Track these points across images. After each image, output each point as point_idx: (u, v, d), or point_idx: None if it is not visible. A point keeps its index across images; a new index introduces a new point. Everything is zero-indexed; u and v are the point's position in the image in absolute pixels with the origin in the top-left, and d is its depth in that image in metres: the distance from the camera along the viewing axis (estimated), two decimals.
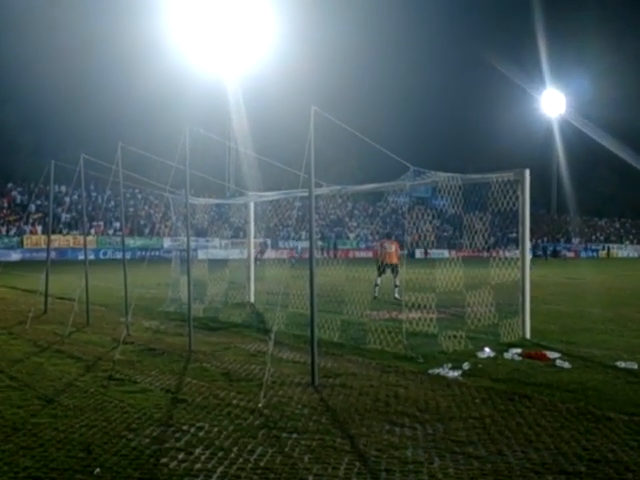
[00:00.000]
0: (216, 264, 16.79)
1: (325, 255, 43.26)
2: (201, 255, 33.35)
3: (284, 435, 5.50)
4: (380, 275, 16.27)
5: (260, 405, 6.36)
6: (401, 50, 68.41)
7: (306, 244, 31.36)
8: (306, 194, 7.89)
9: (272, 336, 7.50)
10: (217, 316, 13.21)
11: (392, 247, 16.60)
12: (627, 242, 78.69)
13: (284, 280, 10.99)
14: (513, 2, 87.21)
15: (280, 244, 49.57)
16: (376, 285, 16.08)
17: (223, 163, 57.00)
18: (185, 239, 10.26)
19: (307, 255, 7.74)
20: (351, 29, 61.15)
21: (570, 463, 4.86)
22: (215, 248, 43.77)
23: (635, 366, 8.22)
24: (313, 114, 7.55)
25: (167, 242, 46.74)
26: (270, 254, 37.01)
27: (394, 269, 16.31)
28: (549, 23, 74.28)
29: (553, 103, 78.42)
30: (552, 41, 74.12)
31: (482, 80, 77.62)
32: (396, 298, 15.39)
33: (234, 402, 6.53)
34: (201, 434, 5.53)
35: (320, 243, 48.17)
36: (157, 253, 45.98)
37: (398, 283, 15.98)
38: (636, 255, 71.15)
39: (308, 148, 7.52)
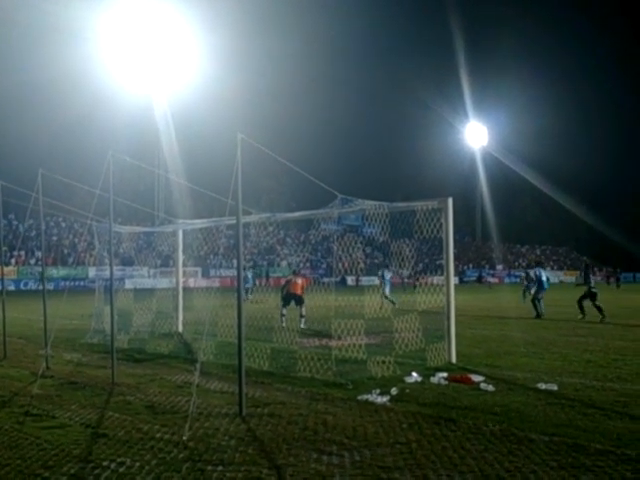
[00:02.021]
0: (143, 293, 16.35)
1: (257, 283, 42.99)
2: (128, 284, 32.45)
3: (209, 468, 5.35)
4: (285, 306, 16.47)
5: (185, 438, 6.18)
6: (331, 81, 69.83)
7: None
8: (234, 221, 7.84)
9: (198, 366, 7.35)
10: (143, 347, 12.82)
11: (298, 280, 16.81)
12: (547, 268, 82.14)
13: (213, 309, 10.81)
14: (439, 41, 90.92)
15: (211, 272, 48.86)
16: (282, 315, 16.18)
17: (153, 190, 56.03)
18: (109, 268, 9.95)
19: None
20: (282, 59, 61.90)
21: None
22: (142, 277, 42.69)
23: (555, 388, 8.51)
24: (240, 141, 7.56)
25: (92, 271, 45.21)
26: (200, 282, 36.39)
27: (298, 300, 16.46)
28: (472, 60, 77.79)
29: (476, 135, 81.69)
30: (475, 77, 77.56)
31: (409, 112, 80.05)
32: (301, 328, 15.46)
33: (158, 435, 6.32)
34: (122, 470, 5.31)
35: (252, 271, 47.88)
36: (82, 283, 44.41)
37: (304, 313, 16.23)
38: (556, 280, 74.28)
39: (235, 175, 7.51)
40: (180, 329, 15.32)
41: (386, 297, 19.84)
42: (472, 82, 77.21)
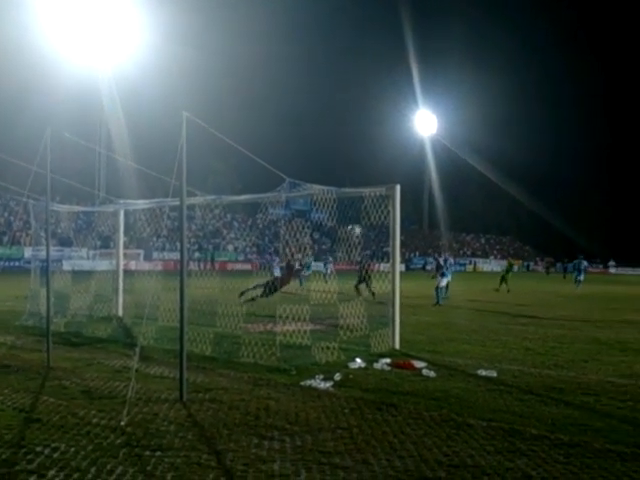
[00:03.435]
0: (82, 275, 15.85)
1: (202, 267, 42.44)
2: (66, 266, 31.39)
3: (147, 453, 5.23)
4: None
5: (122, 423, 6.02)
6: (282, 64, 69.17)
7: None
8: (178, 203, 7.63)
9: (137, 350, 7.15)
10: (80, 330, 12.44)
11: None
12: (492, 257, 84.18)
13: (154, 293, 10.56)
14: (389, 28, 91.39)
15: (154, 255, 47.94)
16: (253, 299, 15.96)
17: (94, 169, 54.39)
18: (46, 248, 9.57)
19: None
20: (233, 38, 60.94)
21: (431, 469, 5.00)
22: (81, 258, 41.49)
23: (494, 374, 8.71)
24: (185, 119, 7.35)
25: (28, 252, 43.65)
26: (142, 265, 35.61)
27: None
28: (422, 49, 78.38)
29: (425, 123, 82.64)
30: (425, 65, 78.26)
31: (360, 99, 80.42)
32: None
33: (94, 421, 6.13)
34: (56, 455, 5.15)
35: (197, 254, 47.23)
36: (16, 263, 42.84)
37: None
38: (499, 269, 76.26)
39: (180, 155, 7.30)
40: (120, 313, 14.92)
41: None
42: (422, 70, 77.99)
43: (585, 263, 31.17)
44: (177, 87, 51.68)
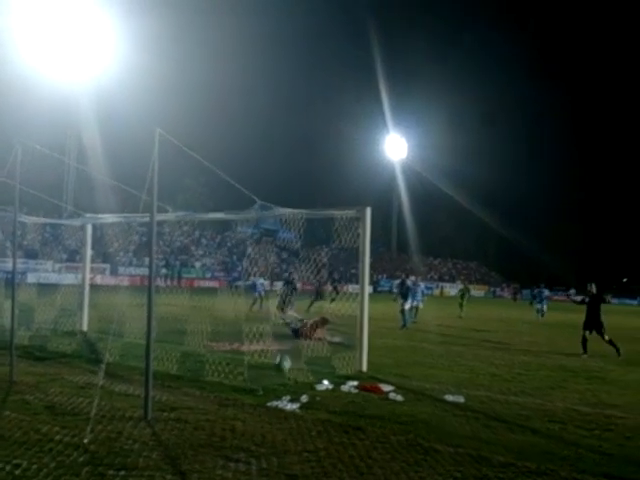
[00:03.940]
0: (47, 289, 15.51)
1: (169, 283, 41.89)
2: (31, 278, 30.65)
3: (110, 472, 5.15)
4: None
5: (86, 441, 5.89)
6: (255, 86, 69.36)
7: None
8: (148, 219, 7.56)
9: (103, 367, 7.02)
10: (44, 345, 12.14)
11: None
12: (458, 282, 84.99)
13: (120, 308, 10.39)
14: (361, 53, 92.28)
15: (120, 270, 47.21)
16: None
17: (62, 181, 53.53)
18: (12, 260, 9.37)
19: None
20: (207, 58, 60.95)
21: None
22: (47, 272, 40.59)
23: (462, 400, 8.74)
24: (157, 136, 7.32)
25: None
26: (109, 280, 35.05)
27: None
28: (393, 74, 79.40)
29: (395, 147, 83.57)
30: (395, 90, 79.25)
31: (331, 123, 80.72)
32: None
33: (57, 438, 6.01)
34: (18, 472, 5.06)
35: (164, 271, 46.63)
36: None
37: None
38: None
39: (151, 171, 7.26)
40: (85, 328, 14.62)
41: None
42: (392, 95, 78.97)
43: (546, 292, 31.40)
44: (151, 102, 51.35)
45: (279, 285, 32.94)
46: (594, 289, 15.80)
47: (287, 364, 10.05)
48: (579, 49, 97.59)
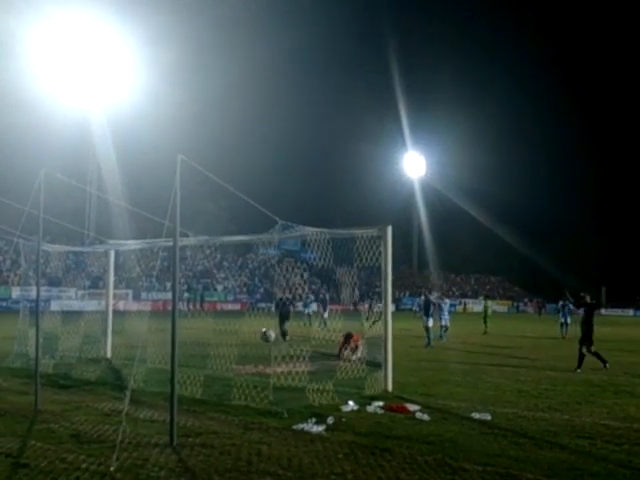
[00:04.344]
0: (71, 316, 15.66)
1: (191, 307, 42.06)
2: (54, 306, 31.04)
3: None
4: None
5: (112, 468, 5.90)
6: (274, 109, 69.96)
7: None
8: (170, 244, 7.63)
9: (128, 393, 7.04)
10: (69, 372, 12.23)
11: None
12: (481, 298, 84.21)
13: (144, 334, 10.46)
14: (380, 72, 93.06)
15: (143, 295, 47.53)
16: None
17: (84, 209, 54.33)
18: (35, 289, 9.49)
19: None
20: (225, 83, 61.82)
21: None
22: (70, 299, 41.05)
23: (489, 417, 8.62)
24: (179, 162, 7.42)
25: (16, 292, 43.13)
26: (131, 306, 35.32)
27: None
28: (411, 92, 79.81)
29: (414, 165, 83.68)
30: (413, 108, 79.53)
31: (350, 141, 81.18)
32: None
33: (83, 466, 6.02)
34: None
35: (186, 295, 46.86)
36: (4, 304, 42.28)
37: None
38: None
39: (173, 197, 7.35)
40: (109, 354, 14.72)
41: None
42: (411, 113, 79.22)
43: (570, 306, 30.69)
44: (169, 128, 52.14)
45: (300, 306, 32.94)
46: (588, 299, 15.34)
47: (271, 336, 10.20)
48: (602, 68, 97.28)
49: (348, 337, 14.90)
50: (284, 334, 18.32)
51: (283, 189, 71.34)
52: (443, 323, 22.05)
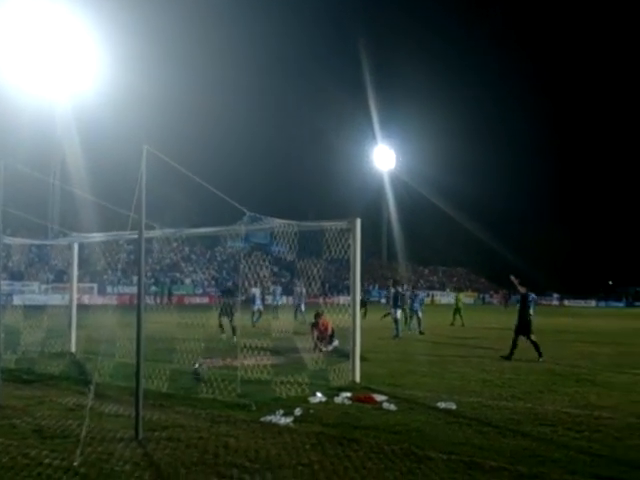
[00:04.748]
0: (34, 310, 15.38)
1: (159, 301, 41.64)
2: (17, 300, 30.38)
3: None
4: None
5: (76, 464, 5.81)
6: (242, 99, 69.56)
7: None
8: (136, 236, 7.52)
9: (92, 388, 6.95)
10: (32, 367, 11.98)
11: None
12: (448, 290, 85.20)
13: (109, 328, 10.32)
14: (349, 65, 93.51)
15: (108, 289, 46.90)
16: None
17: (48, 201, 53.23)
18: None
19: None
20: (193, 72, 61.21)
21: None
22: (33, 293, 40.28)
23: (454, 406, 8.75)
24: (145, 153, 7.31)
25: None
26: (96, 300, 34.82)
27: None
28: (381, 85, 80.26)
29: (384, 158, 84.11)
30: (383, 102, 79.97)
31: (319, 134, 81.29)
32: None
33: (46, 461, 5.92)
34: None
35: (154, 288, 46.33)
36: None
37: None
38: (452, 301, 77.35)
39: (139, 188, 7.24)
40: (73, 349, 14.47)
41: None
42: (380, 107, 79.68)
43: (532, 295, 31.00)
44: (136, 118, 51.39)
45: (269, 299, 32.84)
46: (520, 289, 15.57)
47: (203, 372, 10.18)
48: (565, 62, 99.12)
49: (317, 318, 14.95)
50: (234, 330, 16.89)
51: (253, 181, 71.12)
52: (419, 315, 22.34)
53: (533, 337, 14.76)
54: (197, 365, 11.20)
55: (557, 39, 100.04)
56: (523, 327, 14.83)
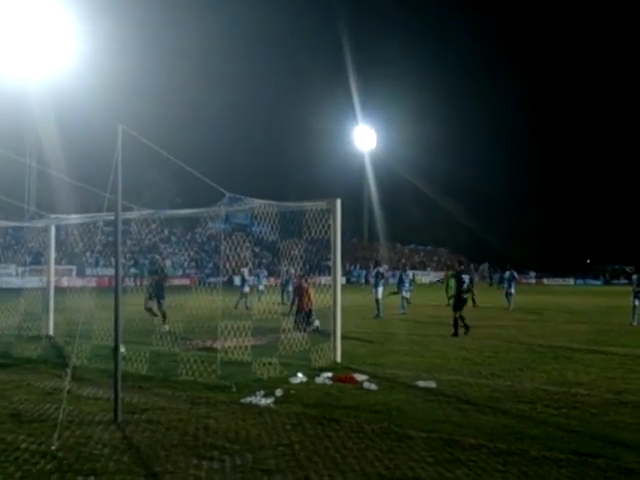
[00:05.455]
0: (10, 293, 15.19)
1: (138, 283, 41.32)
2: None
3: (79, 478, 5.04)
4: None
5: (53, 447, 5.76)
6: (222, 79, 68.74)
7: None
8: (113, 218, 7.41)
9: (69, 371, 6.87)
10: (9, 351, 11.86)
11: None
12: (429, 269, 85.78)
13: (87, 310, 10.20)
14: (330, 45, 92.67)
15: (87, 271, 46.37)
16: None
17: (24, 182, 52.37)
18: None
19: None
20: (173, 50, 60.19)
21: None
22: (10, 276, 39.76)
23: (434, 385, 8.81)
24: (121, 132, 7.17)
25: None
26: (75, 282, 34.45)
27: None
28: (362, 65, 79.73)
29: (365, 138, 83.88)
30: (364, 82, 79.55)
31: (300, 114, 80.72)
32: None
33: (23, 446, 5.86)
34: None
35: (133, 270, 46.01)
36: None
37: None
38: (436, 280, 77.71)
39: (115, 169, 7.12)
40: (51, 332, 14.30)
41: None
42: (361, 87, 79.24)
43: (508, 273, 30.81)
44: (113, 99, 50.53)
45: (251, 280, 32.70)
46: (459, 266, 16.78)
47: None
48: (545, 45, 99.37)
49: (299, 280, 14.96)
50: (163, 316, 15.36)
51: (234, 163, 70.53)
52: (404, 295, 22.43)
53: (463, 315, 15.38)
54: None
55: (537, 20, 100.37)
56: (457, 303, 15.47)
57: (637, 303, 18.69)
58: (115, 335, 6.94)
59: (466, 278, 15.88)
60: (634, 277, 20.65)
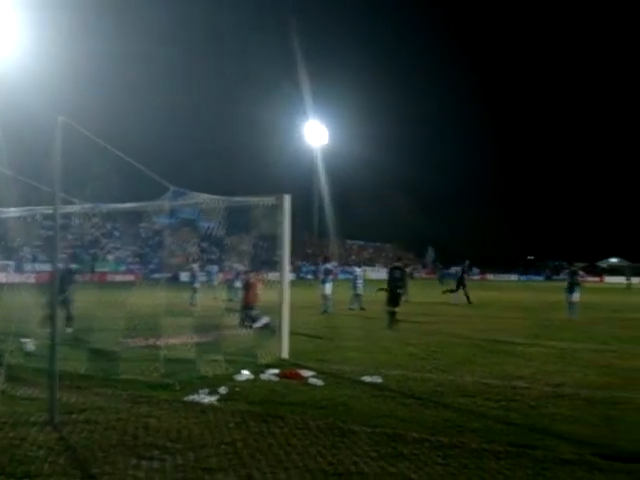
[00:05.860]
0: None
1: (80, 279, 40.21)
2: None
3: None
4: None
5: None
6: (169, 71, 67.74)
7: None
8: (52, 211, 7.15)
9: (2, 370, 6.59)
10: None
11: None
12: (378, 265, 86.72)
13: (24, 308, 9.84)
14: (280, 40, 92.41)
15: (26, 267, 44.89)
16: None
17: None
18: None
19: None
20: (117, 44, 58.79)
21: (315, 479, 4.96)
22: None
23: (379, 380, 8.88)
24: (60, 124, 6.92)
25: None
26: (13, 278, 33.26)
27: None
28: (312, 60, 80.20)
29: (316, 134, 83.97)
30: (314, 77, 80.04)
31: (250, 108, 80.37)
32: None
33: None
34: None
35: (74, 266, 44.74)
36: None
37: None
38: (385, 276, 78.78)
39: (54, 161, 6.88)
40: None
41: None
42: (312, 82, 79.34)
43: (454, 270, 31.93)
44: (56, 90, 48.98)
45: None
46: (396, 263, 17.90)
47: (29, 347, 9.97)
48: (497, 39, 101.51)
49: (249, 274, 14.88)
50: (70, 318, 13.93)
51: (181, 157, 69.55)
52: (358, 292, 22.55)
53: (397, 310, 16.11)
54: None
55: (489, 15, 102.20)
56: (392, 298, 16.21)
57: (572, 298, 19.42)
58: (52, 333, 6.70)
59: (397, 274, 16.56)
60: (567, 272, 21.56)
